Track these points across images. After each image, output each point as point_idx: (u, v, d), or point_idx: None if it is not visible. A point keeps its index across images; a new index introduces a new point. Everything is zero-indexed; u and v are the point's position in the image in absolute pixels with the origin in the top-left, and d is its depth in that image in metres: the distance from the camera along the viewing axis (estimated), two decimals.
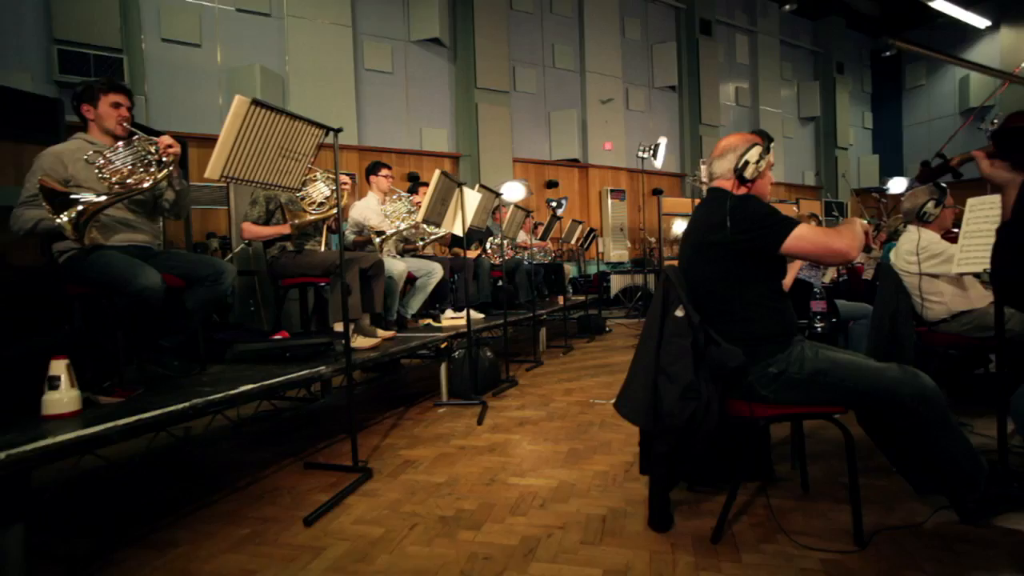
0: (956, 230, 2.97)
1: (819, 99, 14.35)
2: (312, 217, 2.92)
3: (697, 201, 8.32)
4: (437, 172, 2.91)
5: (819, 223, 4.08)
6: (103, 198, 1.93)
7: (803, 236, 1.49)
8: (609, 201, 10.48)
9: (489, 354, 3.67)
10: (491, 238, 5.47)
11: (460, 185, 3.15)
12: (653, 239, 9.58)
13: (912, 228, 2.83)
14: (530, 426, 2.84)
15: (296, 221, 2.93)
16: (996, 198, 2.13)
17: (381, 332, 3.22)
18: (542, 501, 1.92)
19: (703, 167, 7.93)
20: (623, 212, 10.63)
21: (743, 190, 1.65)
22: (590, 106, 10.48)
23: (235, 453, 2.59)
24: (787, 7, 12.89)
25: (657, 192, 11.32)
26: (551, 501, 1.92)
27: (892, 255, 2.90)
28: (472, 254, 5.10)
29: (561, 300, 6.33)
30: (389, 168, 4.04)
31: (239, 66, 6.86)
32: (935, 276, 2.68)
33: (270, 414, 2.95)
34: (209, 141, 6.49)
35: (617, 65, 10.83)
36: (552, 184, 10.10)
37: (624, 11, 11.06)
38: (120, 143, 2.12)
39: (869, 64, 15.96)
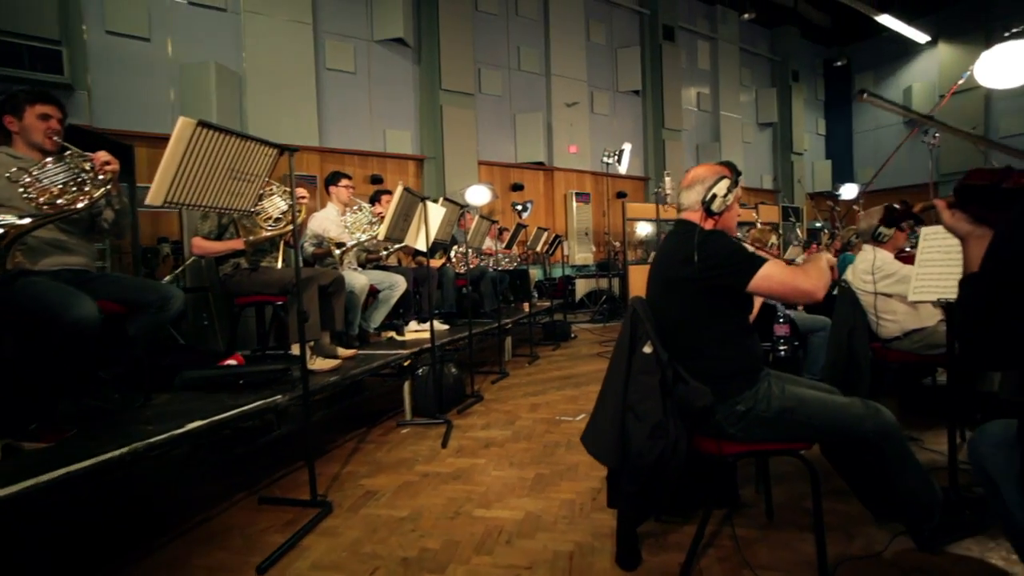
0: (909, 249, 3.08)
1: (776, 105, 14.78)
2: (268, 234, 2.78)
3: (661, 208, 8.44)
4: (400, 188, 2.82)
5: (778, 235, 4.16)
6: (27, 220, 1.77)
7: (770, 275, 1.48)
8: (574, 204, 10.52)
9: (453, 370, 3.60)
10: (455, 246, 5.38)
11: (424, 200, 3.06)
12: (618, 243, 9.65)
13: (868, 248, 2.90)
14: (496, 448, 2.79)
15: (250, 237, 2.79)
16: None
17: (342, 351, 3.10)
18: (508, 536, 1.87)
19: (667, 179, 8.03)
20: (588, 215, 10.69)
21: (710, 223, 1.64)
22: (555, 109, 10.49)
23: (183, 486, 2.45)
24: (745, 16, 13.18)
25: (621, 195, 11.42)
26: (517, 536, 1.87)
27: (849, 274, 2.97)
28: (436, 263, 5.01)
29: (526, 307, 6.29)
30: (349, 178, 3.91)
31: (192, 62, 6.55)
32: (889, 295, 2.76)
33: (222, 440, 2.80)
34: (159, 140, 6.19)
35: (582, 69, 10.87)
36: (517, 187, 10.06)
37: (589, 15, 11.12)
38: (49, 159, 1.95)
39: (822, 73, 16.55)
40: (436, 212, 3.18)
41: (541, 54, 10.46)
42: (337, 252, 3.46)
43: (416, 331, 4.12)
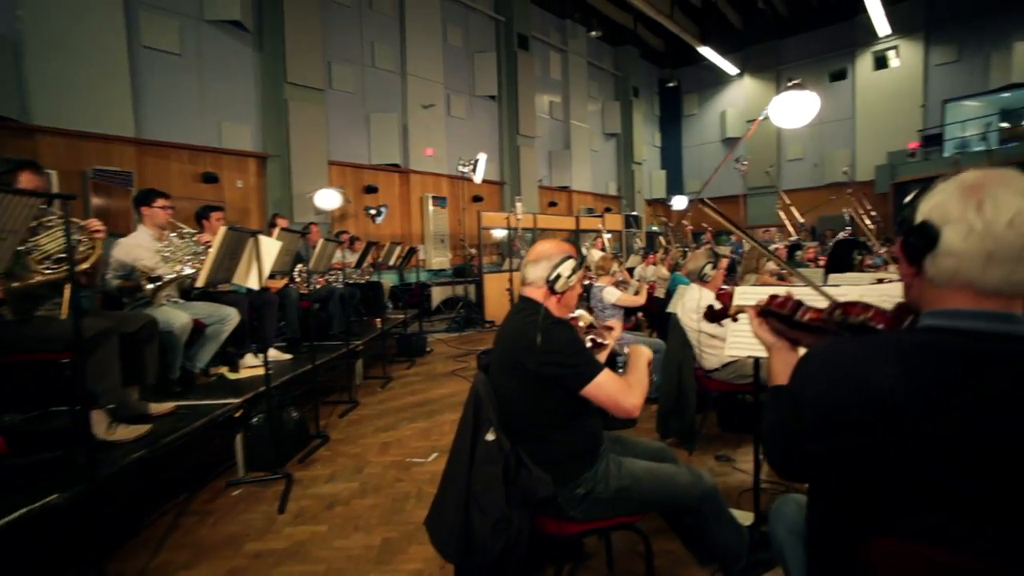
0: (725, 288, 3.46)
1: (619, 117, 16.00)
2: (43, 278, 2.25)
3: (511, 218, 8.63)
4: (222, 230, 2.47)
5: (620, 262, 4.44)
6: None
7: (601, 386, 1.52)
8: (430, 208, 10.37)
9: (294, 414, 3.30)
10: (299, 265, 4.95)
11: (254, 235, 2.73)
12: (473, 249, 9.71)
13: (694, 287, 3.21)
14: (340, 508, 2.60)
15: (14, 284, 2.23)
16: (765, 290, 2.47)
17: (155, 407, 2.67)
18: None
19: (518, 204, 8.23)
20: (444, 219, 10.61)
21: (552, 300, 1.65)
22: (411, 110, 10.23)
23: None
24: (593, 33, 14.06)
25: (478, 199, 11.53)
26: None
27: (679, 310, 3.26)
28: (278, 285, 4.57)
29: (379, 323, 6.02)
30: (167, 197, 3.35)
31: None
32: (711, 334, 3.08)
33: None
34: None
35: (439, 70, 10.73)
36: (371, 189, 9.65)
37: (446, 17, 10.99)
38: None
39: (658, 91, 18.30)
40: (270, 247, 2.86)
41: (397, 52, 10.12)
42: (149, 287, 2.96)
43: (253, 367, 3.71)
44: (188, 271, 3.13)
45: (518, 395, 1.59)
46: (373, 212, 8.57)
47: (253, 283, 2.79)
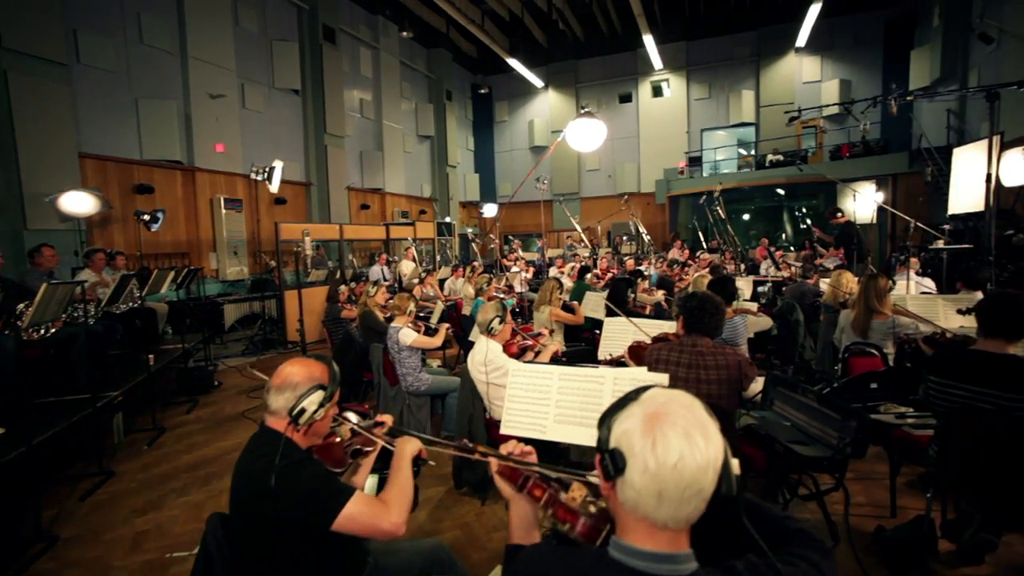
0: (516, 339, 3.63)
1: (433, 120, 16.01)
2: None
3: (304, 234, 8.05)
4: None
5: (416, 302, 4.38)
6: None
7: (353, 516, 1.43)
8: (223, 211, 9.22)
9: None
10: (23, 305, 3.95)
11: None
12: (273, 262, 8.88)
13: (483, 339, 3.30)
14: None
15: None
16: (537, 368, 2.61)
17: None
18: None
19: (306, 239, 7.70)
20: (240, 223, 9.51)
21: (297, 434, 1.51)
22: (196, 99, 8.95)
23: None
24: (405, 33, 13.77)
25: (280, 202, 10.59)
26: None
27: (469, 361, 3.33)
28: None
29: (152, 359, 5.12)
30: None
31: None
32: (499, 384, 3.20)
33: None
34: None
35: (230, 56, 9.56)
36: (145, 190, 8.21)
37: None
38: None
39: (470, 96, 18.72)
40: None
41: (173, 29, 8.74)
42: None
43: None
44: None
45: (260, 548, 1.43)
46: (147, 218, 7.22)
47: None
